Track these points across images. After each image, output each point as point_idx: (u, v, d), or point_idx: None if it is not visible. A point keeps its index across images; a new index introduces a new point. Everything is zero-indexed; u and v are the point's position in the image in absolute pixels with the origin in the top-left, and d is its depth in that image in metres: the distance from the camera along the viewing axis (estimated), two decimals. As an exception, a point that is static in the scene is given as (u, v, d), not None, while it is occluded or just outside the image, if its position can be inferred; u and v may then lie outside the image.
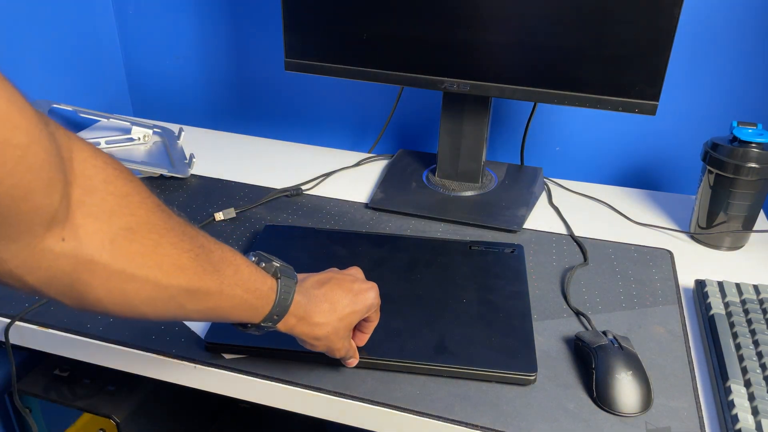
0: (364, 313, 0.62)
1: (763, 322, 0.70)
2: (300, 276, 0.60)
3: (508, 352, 0.67)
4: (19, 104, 0.34)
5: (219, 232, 0.90)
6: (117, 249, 0.41)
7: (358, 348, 0.66)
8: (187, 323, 0.72)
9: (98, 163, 0.41)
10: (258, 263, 0.56)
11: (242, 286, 0.51)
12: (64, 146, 0.38)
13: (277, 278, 0.55)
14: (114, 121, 1.15)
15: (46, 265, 0.38)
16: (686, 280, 0.83)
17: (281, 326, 0.56)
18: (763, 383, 0.63)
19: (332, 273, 0.62)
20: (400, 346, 0.67)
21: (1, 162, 0.33)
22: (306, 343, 0.60)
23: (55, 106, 1.09)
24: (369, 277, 0.66)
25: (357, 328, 0.66)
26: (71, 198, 0.39)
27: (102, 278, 0.41)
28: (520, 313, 0.72)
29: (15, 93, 0.34)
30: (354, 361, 0.65)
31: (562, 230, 0.93)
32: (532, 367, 0.65)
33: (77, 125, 1.19)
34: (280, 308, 0.55)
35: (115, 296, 0.42)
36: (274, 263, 0.56)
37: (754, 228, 0.89)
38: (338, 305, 0.59)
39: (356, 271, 0.65)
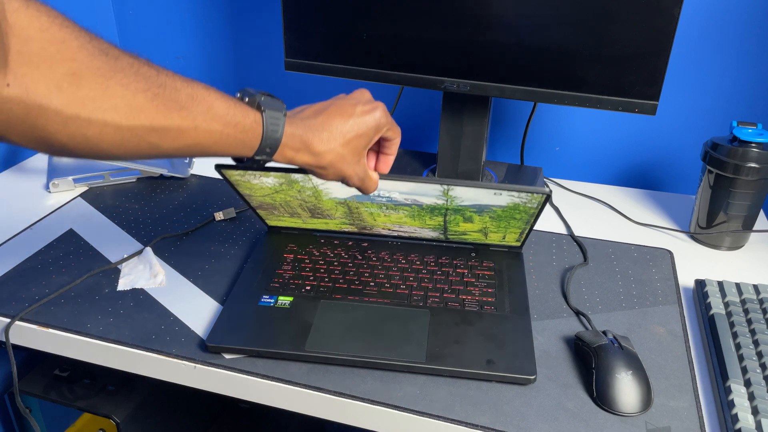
0: (373, 135, 0.60)
1: (763, 321, 0.70)
2: (297, 108, 0.59)
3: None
4: None
5: (219, 232, 0.90)
6: (65, 95, 0.42)
7: (384, 176, 0.63)
8: (186, 323, 0.72)
9: (31, 11, 0.41)
10: (242, 98, 0.55)
11: (220, 121, 0.51)
12: None
13: (261, 111, 0.54)
14: (114, 121, 1.14)
15: None
16: (686, 279, 0.83)
17: (279, 158, 0.55)
18: (763, 383, 0.63)
19: (333, 99, 0.60)
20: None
21: None
22: (315, 173, 0.58)
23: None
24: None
25: (381, 151, 0.63)
26: (9, 48, 0.39)
27: (58, 124, 0.42)
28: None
29: None
30: (373, 185, 0.61)
31: (562, 230, 0.93)
32: (531, 367, 0.65)
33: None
34: (271, 140, 0.54)
35: (78, 141, 0.43)
36: (257, 97, 0.55)
37: (754, 228, 0.89)
38: (339, 131, 0.57)
39: (360, 94, 0.62)
